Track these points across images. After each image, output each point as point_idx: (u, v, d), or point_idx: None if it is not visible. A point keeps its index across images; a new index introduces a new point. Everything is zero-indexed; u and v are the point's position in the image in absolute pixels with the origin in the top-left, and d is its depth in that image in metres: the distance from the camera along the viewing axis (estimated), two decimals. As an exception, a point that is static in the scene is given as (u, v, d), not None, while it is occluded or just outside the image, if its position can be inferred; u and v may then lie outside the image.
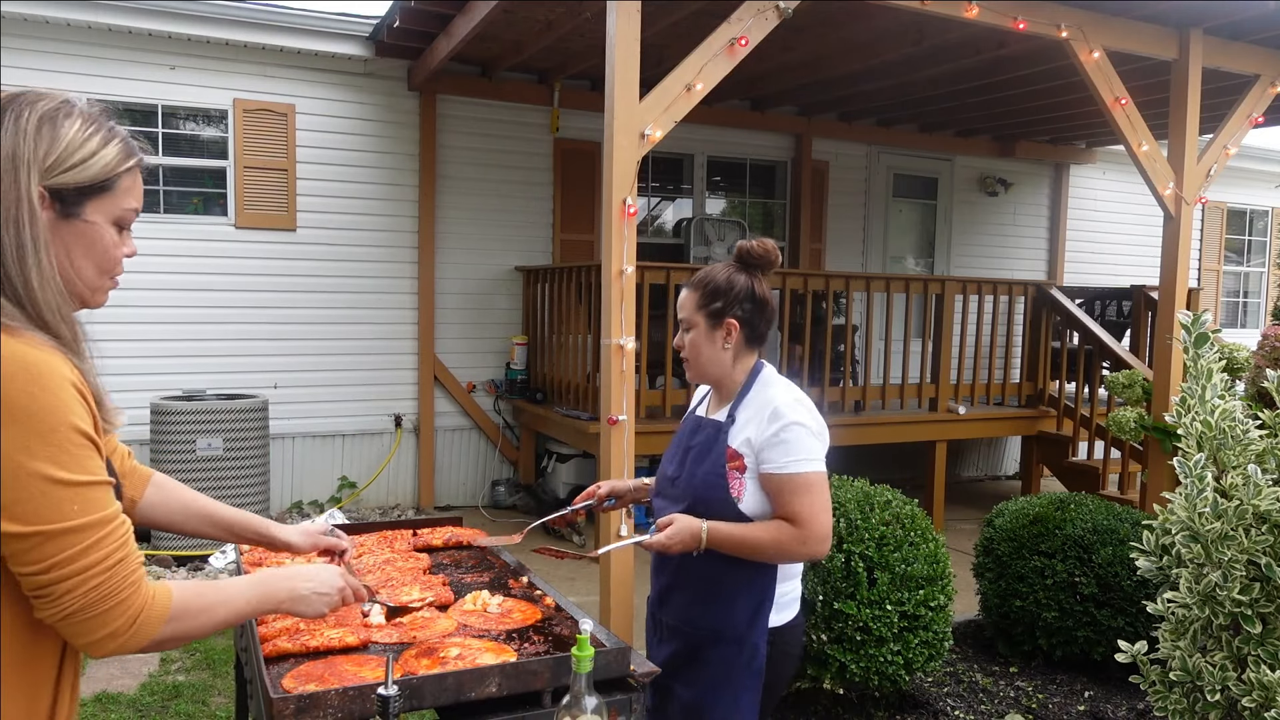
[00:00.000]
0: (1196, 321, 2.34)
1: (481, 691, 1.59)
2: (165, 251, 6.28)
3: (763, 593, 2.04)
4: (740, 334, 2.11)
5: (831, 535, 2.04)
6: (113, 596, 1.13)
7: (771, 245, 2.13)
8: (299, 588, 1.46)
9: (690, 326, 2.14)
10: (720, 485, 2.04)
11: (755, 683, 2.03)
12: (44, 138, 1.15)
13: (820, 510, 1.98)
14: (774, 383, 2.12)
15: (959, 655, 4.31)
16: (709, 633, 2.05)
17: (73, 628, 1.12)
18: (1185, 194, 5.54)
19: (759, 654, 2.03)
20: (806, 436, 2.00)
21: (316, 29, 6.49)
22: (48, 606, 1.10)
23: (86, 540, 1.10)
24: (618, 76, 3.99)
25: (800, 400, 2.06)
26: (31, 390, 1.07)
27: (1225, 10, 5.23)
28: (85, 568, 1.10)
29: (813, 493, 1.98)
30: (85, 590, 1.10)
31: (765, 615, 2.04)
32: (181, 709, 3.67)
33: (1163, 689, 2.40)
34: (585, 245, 7.57)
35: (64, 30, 5.99)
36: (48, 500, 1.07)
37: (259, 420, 5.82)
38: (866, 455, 7.62)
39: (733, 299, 2.09)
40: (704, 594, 2.07)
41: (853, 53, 6.38)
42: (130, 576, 1.15)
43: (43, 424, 1.07)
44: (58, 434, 1.08)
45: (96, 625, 1.12)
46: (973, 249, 9.53)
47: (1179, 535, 2.28)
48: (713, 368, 2.14)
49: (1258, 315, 11.48)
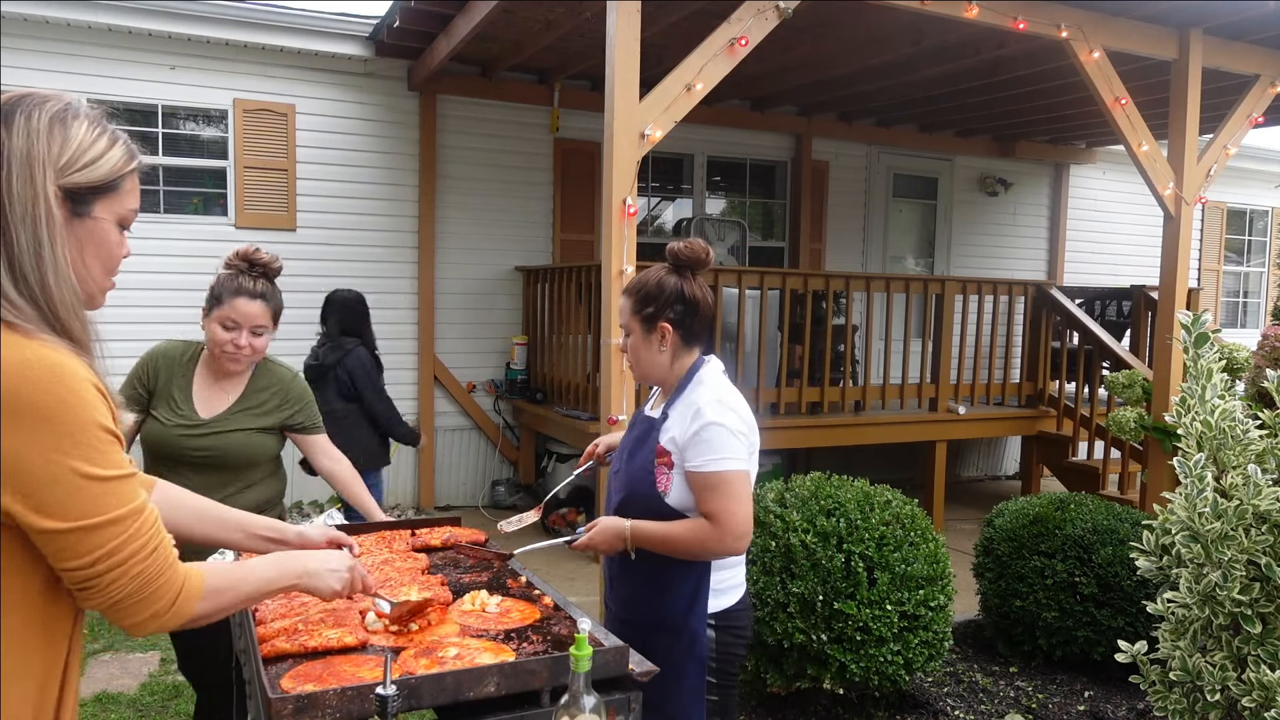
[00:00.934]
0: (1196, 321, 2.34)
1: (480, 691, 1.58)
2: (165, 251, 6.28)
3: (698, 581, 2.12)
4: (675, 335, 2.18)
5: (750, 532, 2.09)
6: (155, 580, 1.19)
7: (700, 245, 2.19)
8: (312, 565, 1.54)
9: (629, 332, 2.23)
10: (649, 480, 2.14)
11: (699, 668, 2.12)
12: (56, 138, 1.17)
13: (736, 508, 2.04)
14: (705, 382, 2.17)
15: (959, 655, 4.30)
16: (650, 622, 2.14)
17: (120, 612, 1.18)
18: (1185, 194, 5.54)
19: (699, 640, 2.12)
20: (725, 436, 2.06)
21: (316, 29, 6.49)
22: (95, 596, 1.15)
23: (126, 531, 1.15)
24: (618, 76, 3.99)
25: (723, 400, 2.11)
26: (58, 392, 1.10)
27: (1225, 10, 5.23)
28: (128, 556, 1.15)
29: (728, 491, 2.05)
30: (130, 577, 1.16)
31: (703, 602, 2.13)
32: (181, 709, 3.67)
33: (1163, 689, 2.40)
34: (585, 245, 7.57)
35: (64, 30, 5.99)
36: (85, 496, 1.11)
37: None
38: (866, 455, 7.63)
39: (664, 302, 2.17)
40: (643, 586, 2.18)
41: (853, 53, 6.38)
42: (168, 559, 1.21)
43: (72, 424, 1.10)
44: (87, 433, 1.11)
45: (142, 608, 1.18)
46: (973, 249, 9.53)
47: (1179, 535, 2.28)
48: (652, 369, 2.23)
49: (1258, 315, 11.48)
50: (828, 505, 3.47)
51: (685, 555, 2.09)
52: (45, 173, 1.15)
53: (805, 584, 3.29)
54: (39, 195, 1.14)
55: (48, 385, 1.09)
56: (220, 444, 2.56)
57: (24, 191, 1.14)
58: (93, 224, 1.22)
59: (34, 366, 1.09)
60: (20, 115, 1.16)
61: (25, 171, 1.14)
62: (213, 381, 2.63)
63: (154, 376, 2.61)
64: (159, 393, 2.60)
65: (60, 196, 1.17)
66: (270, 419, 2.65)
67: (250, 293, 2.56)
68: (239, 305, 2.54)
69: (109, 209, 1.23)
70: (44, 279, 1.14)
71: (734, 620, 2.21)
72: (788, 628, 3.30)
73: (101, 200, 1.22)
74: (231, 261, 2.61)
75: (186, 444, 2.55)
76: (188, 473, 2.50)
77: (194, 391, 2.61)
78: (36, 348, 1.11)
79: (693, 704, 2.10)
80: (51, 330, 1.14)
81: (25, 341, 1.11)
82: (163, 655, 4.19)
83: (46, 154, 1.15)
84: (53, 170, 1.16)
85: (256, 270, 2.61)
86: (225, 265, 2.62)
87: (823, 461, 7.50)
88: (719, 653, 2.17)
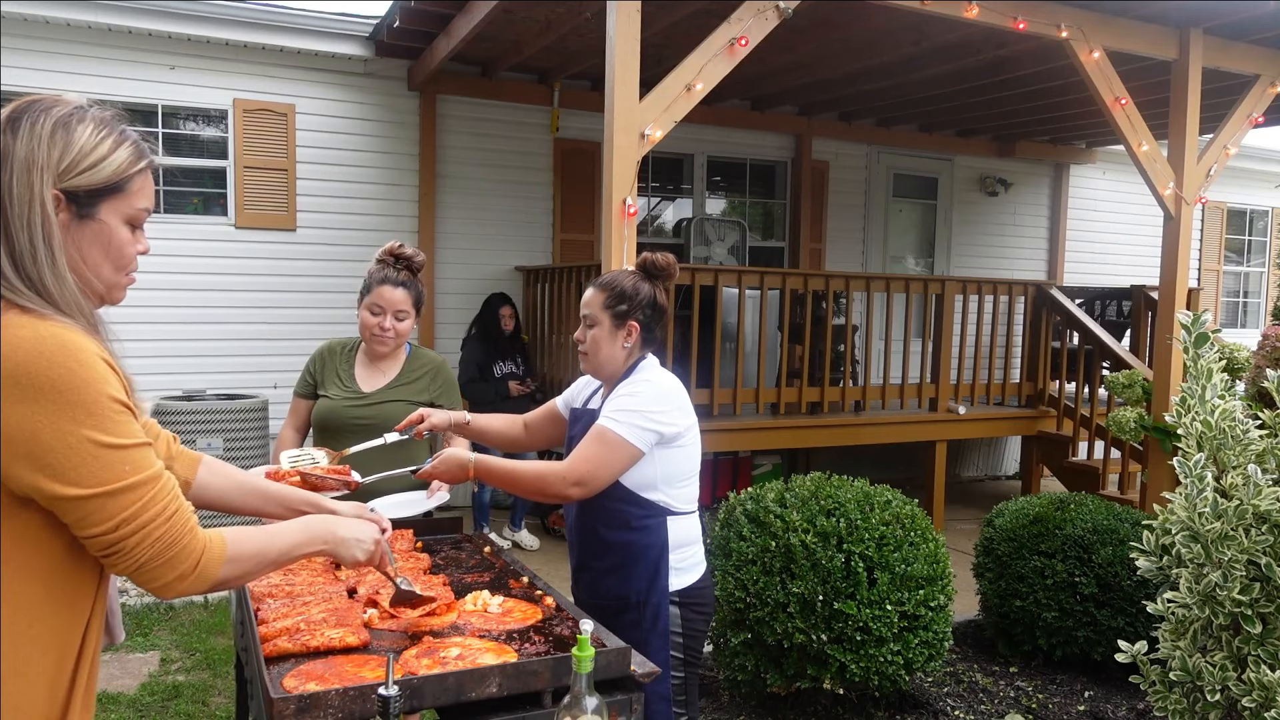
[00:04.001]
0: (1196, 321, 2.34)
1: (482, 692, 1.59)
2: (165, 251, 6.27)
3: (657, 559, 2.24)
4: (639, 335, 2.33)
5: (591, 487, 2.17)
6: (177, 542, 1.23)
7: (671, 259, 2.38)
8: (339, 532, 1.57)
9: (594, 323, 2.34)
10: None
11: (663, 643, 2.23)
12: (58, 142, 1.21)
13: (594, 461, 2.16)
14: (644, 370, 2.33)
15: (959, 655, 4.31)
16: (613, 601, 2.25)
17: (146, 574, 1.22)
18: (1185, 194, 5.54)
19: (662, 615, 2.23)
20: (631, 405, 2.19)
21: (316, 29, 6.49)
22: (121, 560, 1.20)
23: (144, 496, 1.20)
24: (618, 76, 3.99)
25: (652, 380, 2.27)
26: (70, 365, 1.14)
27: (1225, 10, 5.23)
28: (149, 520, 1.20)
29: (601, 444, 2.17)
30: (153, 540, 1.21)
31: (663, 579, 2.24)
32: (181, 709, 3.67)
33: (1163, 689, 2.41)
34: (585, 245, 7.57)
35: (64, 30, 5.99)
36: (101, 463, 1.16)
37: (259, 420, 5.82)
38: (866, 455, 7.63)
39: (637, 304, 2.33)
40: (604, 568, 2.29)
41: (853, 53, 6.38)
42: (188, 523, 1.25)
43: (85, 395, 1.15)
44: (100, 404, 1.16)
45: (167, 569, 1.23)
46: (973, 249, 9.53)
47: (1179, 535, 2.28)
48: (609, 363, 2.34)
49: (1258, 315, 11.48)
50: (828, 505, 3.47)
51: (524, 491, 2.27)
52: (43, 177, 1.19)
53: (805, 584, 3.29)
54: (34, 199, 1.19)
55: (60, 359, 1.14)
56: (379, 413, 2.87)
57: (21, 195, 1.19)
58: (98, 226, 1.25)
59: (46, 342, 1.14)
60: (26, 121, 1.21)
61: (24, 176, 1.19)
62: (370, 364, 3.00)
63: (319, 368, 3.04)
64: (324, 378, 3.01)
65: (63, 200, 1.21)
66: (422, 395, 2.97)
67: (394, 281, 2.87)
68: (384, 293, 2.86)
69: (115, 210, 1.27)
70: (43, 279, 1.19)
71: (697, 597, 2.32)
72: (788, 628, 3.30)
73: (106, 201, 1.25)
74: (380, 256, 2.94)
75: (351, 414, 2.90)
76: (351, 441, 2.79)
77: (356, 372, 3.00)
78: (49, 325, 1.16)
79: (658, 680, 2.12)
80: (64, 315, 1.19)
81: (38, 321, 1.16)
82: (162, 655, 4.19)
83: (46, 159, 1.20)
84: (51, 175, 1.20)
85: (401, 263, 2.92)
86: (376, 260, 2.94)
87: (823, 461, 7.50)
88: (684, 629, 2.28)
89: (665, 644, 2.22)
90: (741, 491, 3.78)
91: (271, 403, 6.13)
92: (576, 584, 2.41)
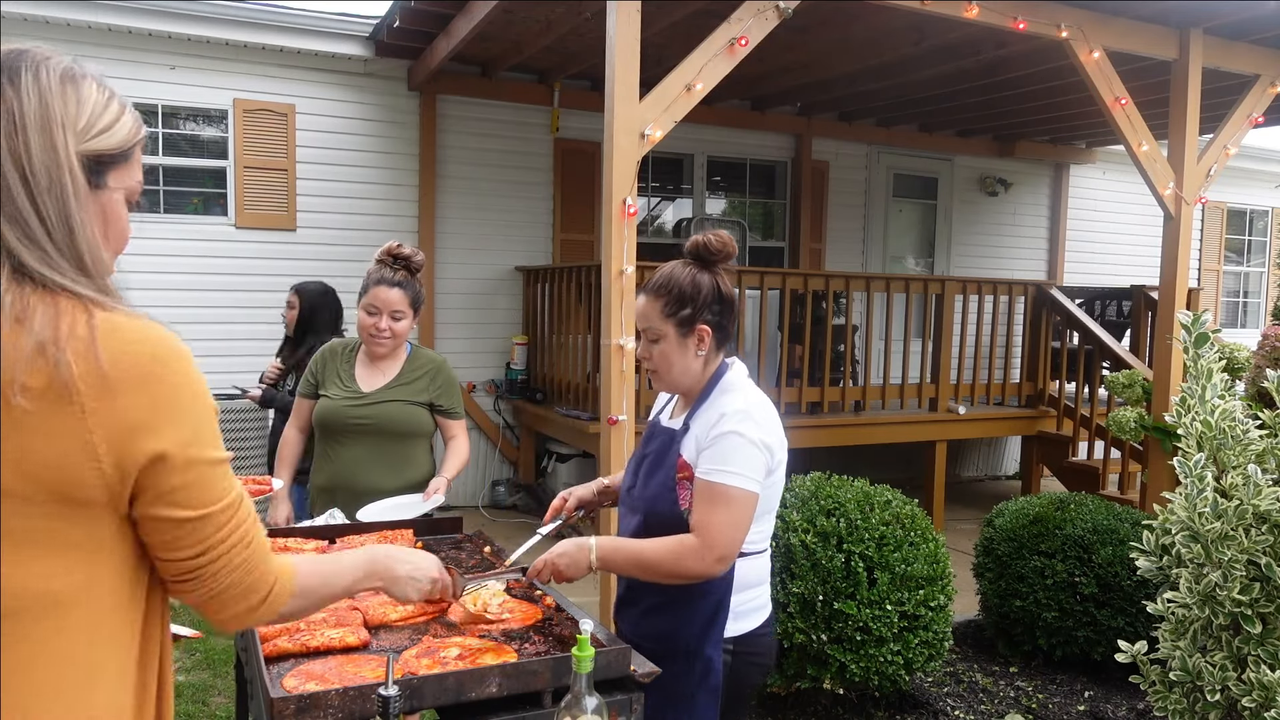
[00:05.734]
0: (1196, 321, 2.34)
1: (482, 692, 1.59)
2: (165, 251, 6.29)
3: (717, 604, 1.91)
4: (712, 339, 1.98)
5: (733, 559, 1.86)
6: (255, 569, 1.12)
7: (728, 236, 2.01)
8: (397, 570, 1.49)
9: (657, 337, 1.98)
10: (670, 498, 1.93)
11: (711, 699, 1.90)
12: (70, 98, 1.03)
13: (728, 527, 1.82)
14: (733, 388, 1.97)
15: (959, 655, 4.31)
16: (660, 646, 1.89)
17: (218, 603, 1.11)
18: (1185, 194, 5.54)
19: (714, 668, 1.90)
20: (743, 446, 1.85)
21: (316, 29, 6.49)
22: (199, 587, 1.08)
23: (232, 518, 1.09)
24: (618, 76, 3.99)
25: (749, 411, 1.90)
26: (185, 369, 1.04)
27: (1225, 10, 5.22)
28: (234, 544, 1.09)
29: (727, 506, 1.82)
30: (234, 566, 1.09)
31: (720, 627, 1.91)
32: (181, 709, 3.67)
33: (1163, 689, 2.41)
34: (585, 245, 7.57)
35: (64, 30, 5.99)
36: (208, 482, 1.05)
37: (259, 420, 5.82)
38: (866, 455, 7.62)
39: (702, 302, 1.96)
40: (652, 606, 1.97)
41: (853, 53, 6.38)
42: (266, 547, 1.15)
43: (205, 405, 1.06)
44: (213, 414, 1.07)
45: (240, 598, 1.12)
46: (973, 249, 9.53)
47: (1179, 535, 2.28)
48: (685, 377, 2.00)
49: (1258, 315, 11.48)
50: (828, 505, 3.47)
51: (659, 576, 1.87)
52: (65, 136, 1.01)
53: (805, 584, 3.29)
54: (63, 162, 1.00)
55: (175, 364, 1.03)
56: (379, 413, 2.92)
57: (48, 160, 0.99)
58: (107, 196, 1.07)
59: (161, 344, 1.02)
60: (27, 73, 1.01)
61: (46, 137, 0.99)
62: (370, 364, 3.01)
63: (321, 368, 3.04)
64: (325, 378, 3.01)
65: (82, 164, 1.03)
66: (422, 396, 2.99)
67: (390, 282, 2.87)
68: (380, 293, 2.87)
69: (121, 180, 1.09)
70: (80, 257, 1.00)
71: (754, 646, 2.01)
72: (788, 628, 3.30)
73: (114, 171, 1.08)
74: (379, 256, 2.93)
75: (351, 414, 2.92)
76: (352, 441, 2.91)
77: (356, 372, 3.00)
78: (145, 325, 1.01)
79: None
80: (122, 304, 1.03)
81: (129, 320, 1.00)
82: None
83: (64, 115, 1.01)
84: (73, 134, 1.02)
85: (399, 263, 2.91)
86: (375, 260, 2.93)
87: (823, 461, 7.48)
88: (733, 682, 1.96)
89: (715, 700, 1.90)
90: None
91: (271, 403, 6.14)
92: (620, 616, 2.08)
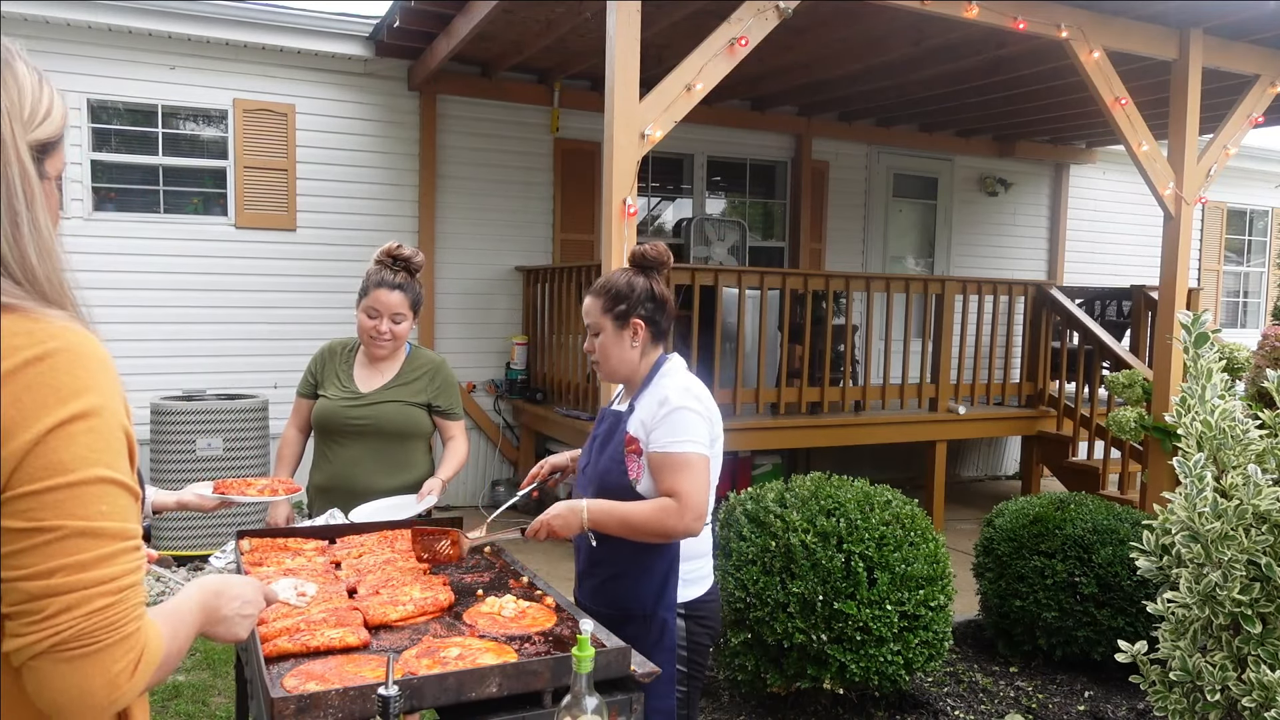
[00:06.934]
0: (1196, 321, 2.34)
1: (482, 692, 1.59)
2: (165, 251, 6.29)
3: (666, 570, 2.17)
4: (646, 332, 2.27)
5: (706, 515, 2.14)
6: (117, 627, 0.90)
7: (664, 248, 2.31)
8: (223, 610, 1.24)
9: (598, 330, 2.29)
10: (620, 469, 2.19)
11: (669, 657, 2.15)
12: (10, 85, 0.95)
13: (697, 489, 2.09)
14: (672, 374, 2.26)
15: (959, 655, 4.31)
16: (618, 612, 2.16)
17: (54, 667, 0.86)
18: (1185, 194, 5.54)
19: (669, 629, 2.17)
20: (689, 417, 2.13)
21: (316, 29, 6.49)
22: (30, 630, 0.86)
23: (105, 549, 0.90)
24: (618, 76, 3.99)
25: (690, 389, 2.19)
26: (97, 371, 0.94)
27: (1225, 10, 5.23)
28: (94, 581, 0.88)
29: (692, 471, 2.10)
30: (87, 611, 0.87)
31: (672, 591, 2.18)
32: (181, 709, 3.67)
33: (1163, 689, 2.41)
34: (585, 245, 7.57)
35: (64, 30, 5.99)
36: (74, 493, 0.89)
37: (259, 420, 5.82)
38: (866, 455, 7.63)
39: (635, 300, 2.26)
40: (609, 576, 2.22)
41: (853, 53, 6.38)
42: (139, 608, 0.95)
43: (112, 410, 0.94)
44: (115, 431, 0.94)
45: (90, 666, 0.88)
46: (973, 249, 9.53)
47: (1179, 535, 2.28)
48: (622, 366, 2.29)
49: (1258, 315, 11.48)
50: (828, 505, 3.47)
51: (644, 535, 2.11)
52: (14, 125, 0.94)
53: (805, 584, 3.29)
54: (9, 155, 0.93)
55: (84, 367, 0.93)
56: (376, 414, 2.91)
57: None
58: (48, 186, 1.01)
59: (59, 343, 0.93)
60: None
61: None
62: (369, 364, 3.00)
63: (320, 368, 3.03)
64: (324, 378, 3.00)
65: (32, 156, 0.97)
66: (420, 396, 2.98)
67: (390, 284, 2.85)
68: (380, 296, 2.85)
69: (55, 166, 1.03)
70: (25, 255, 0.93)
71: (703, 610, 2.27)
72: (788, 628, 3.30)
73: (49, 159, 1.01)
74: (379, 257, 2.91)
75: (348, 414, 2.91)
76: (350, 442, 2.91)
77: (355, 373, 2.99)
78: (58, 324, 0.94)
79: (662, 694, 2.11)
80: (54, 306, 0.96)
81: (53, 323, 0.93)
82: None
83: (9, 103, 0.94)
84: (19, 123, 0.95)
85: (399, 264, 2.90)
86: (375, 260, 2.91)
87: (823, 461, 7.50)
88: (689, 643, 2.22)
89: (671, 659, 2.15)
90: (741, 491, 3.78)
91: (272, 403, 6.13)
92: (580, 588, 2.34)
